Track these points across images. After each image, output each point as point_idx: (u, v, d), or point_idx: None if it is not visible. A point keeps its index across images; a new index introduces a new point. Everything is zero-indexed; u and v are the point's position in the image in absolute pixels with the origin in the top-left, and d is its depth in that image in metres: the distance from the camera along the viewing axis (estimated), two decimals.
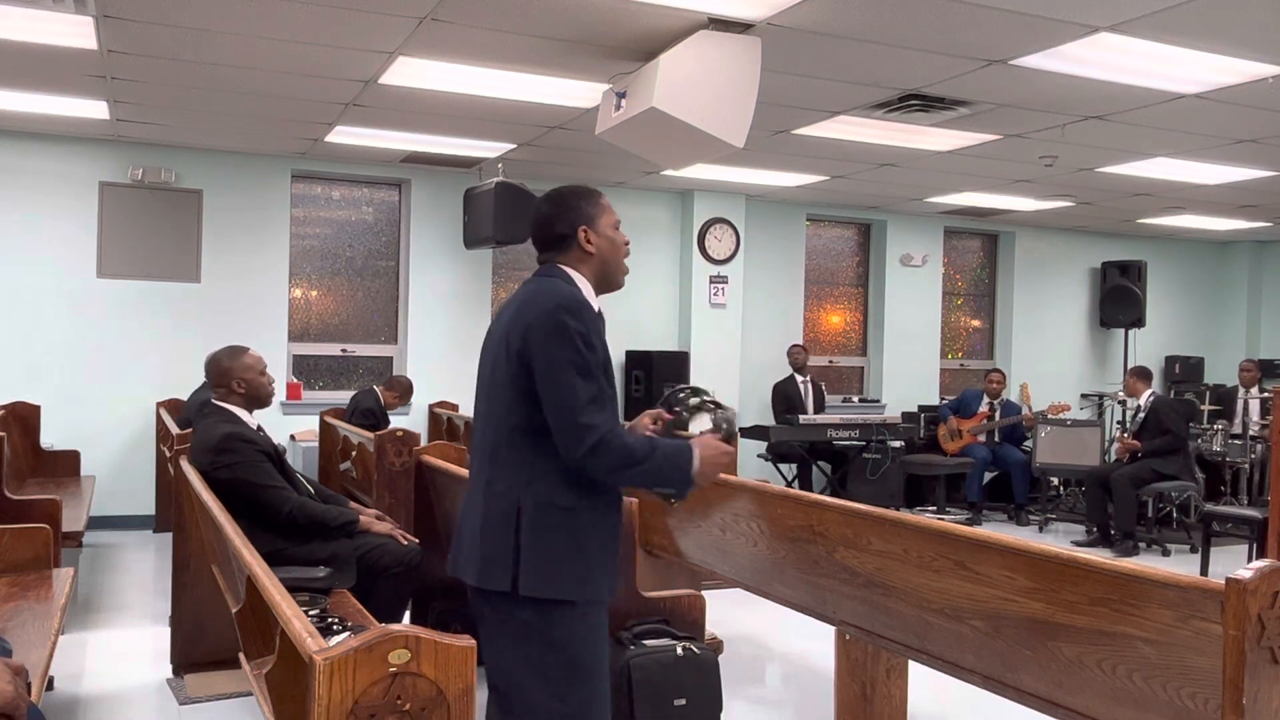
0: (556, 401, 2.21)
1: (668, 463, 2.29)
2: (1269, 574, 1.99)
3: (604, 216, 2.43)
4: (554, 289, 2.32)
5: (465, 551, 2.36)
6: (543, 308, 2.27)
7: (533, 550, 2.24)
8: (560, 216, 2.41)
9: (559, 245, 2.41)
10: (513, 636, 2.28)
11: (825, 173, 8.01)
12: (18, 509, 4.55)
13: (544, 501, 2.26)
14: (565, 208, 2.41)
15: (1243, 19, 4.37)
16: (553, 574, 2.24)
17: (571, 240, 2.39)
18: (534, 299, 2.32)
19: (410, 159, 7.86)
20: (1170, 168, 7.45)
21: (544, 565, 2.24)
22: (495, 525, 2.27)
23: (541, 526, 2.25)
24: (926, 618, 2.81)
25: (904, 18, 4.44)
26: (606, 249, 2.42)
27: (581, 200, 2.43)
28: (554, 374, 2.22)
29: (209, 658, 4.22)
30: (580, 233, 2.39)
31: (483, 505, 2.32)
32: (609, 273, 2.44)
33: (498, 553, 2.25)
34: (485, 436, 2.37)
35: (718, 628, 3.75)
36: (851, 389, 10.27)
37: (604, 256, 2.41)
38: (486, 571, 2.27)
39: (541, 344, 2.23)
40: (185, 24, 4.76)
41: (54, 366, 7.26)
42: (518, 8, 4.43)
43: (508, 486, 2.29)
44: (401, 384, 7.49)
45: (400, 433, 4.70)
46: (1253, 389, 8.91)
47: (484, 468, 2.37)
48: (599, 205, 2.44)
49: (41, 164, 7.28)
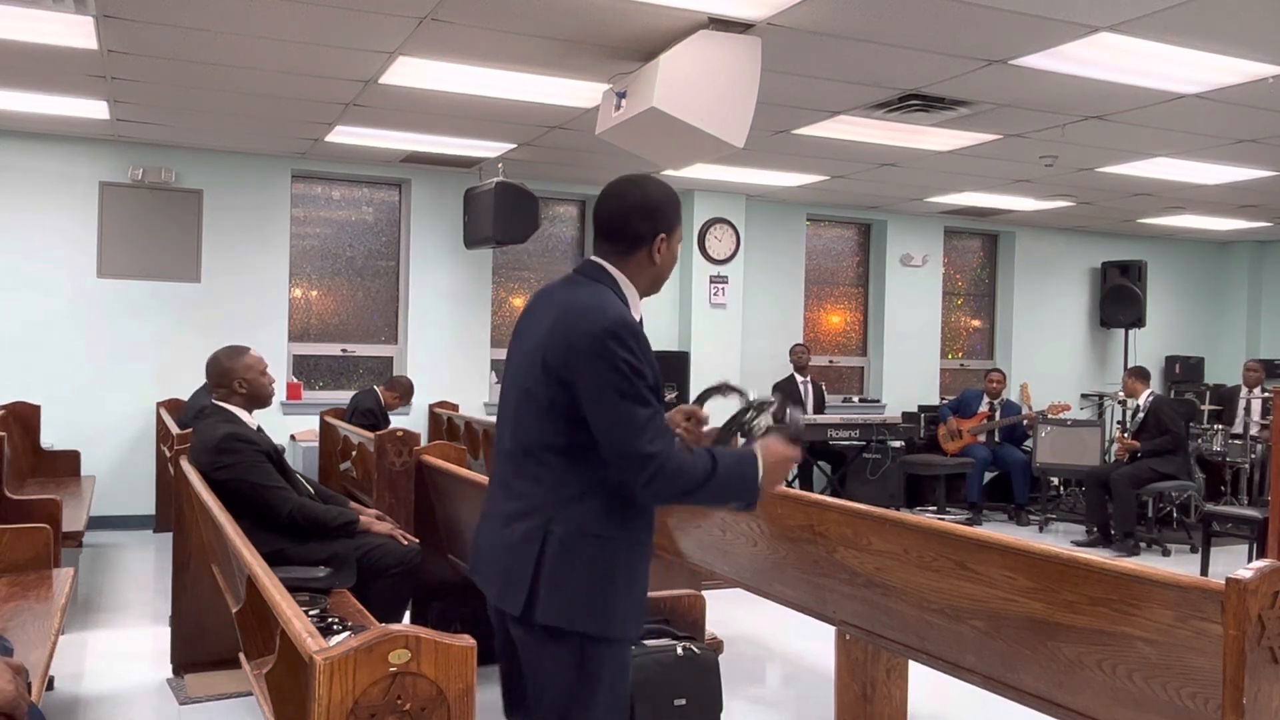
0: (612, 430, 2.05)
1: (732, 478, 2.12)
2: (1269, 574, 1.99)
3: (679, 228, 2.27)
4: (600, 307, 2.11)
5: (486, 564, 2.23)
6: (588, 329, 2.07)
7: (558, 577, 2.08)
8: (647, 215, 2.21)
9: (628, 243, 2.21)
10: (533, 657, 2.15)
11: (825, 173, 8.01)
12: (18, 509, 4.55)
13: (576, 528, 2.10)
14: (654, 208, 2.22)
15: (1243, 19, 4.37)
16: (580, 605, 2.09)
17: (643, 245, 2.21)
18: (578, 316, 2.10)
19: (410, 159, 7.86)
20: (1170, 168, 7.45)
21: (570, 594, 2.08)
22: (518, 546, 2.12)
23: (570, 553, 2.09)
24: (926, 618, 2.81)
25: (904, 18, 4.44)
26: (666, 262, 2.25)
27: (671, 205, 2.25)
28: (605, 402, 2.04)
29: (209, 658, 4.22)
30: (658, 240, 2.21)
31: (507, 520, 2.17)
32: (655, 283, 2.28)
33: (518, 575, 2.10)
34: (514, 448, 2.20)
35: (718, 628, 3.75)
36: (851, 389, 10.27)
37: (663, 271, 2.26)
38: (506, 593, 2.14)
39: (588, 370, 2.05)
40: (185, 24, 4.76)
41: (54, 366, 7.26)
42: (518, 8, 4.43)
43: (538, 505, 2.12)
44: (402, 384, 7.49)
45: (400, 433, 4.70)
46: (1255, 389, 8.90)
47: (509, 480, 2.20)
48: (680, 215, 2.28)
49: (41, 164, 7.28)
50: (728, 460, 2.12)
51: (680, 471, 2.04)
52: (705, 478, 2.07)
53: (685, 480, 2.05)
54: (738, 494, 2.15)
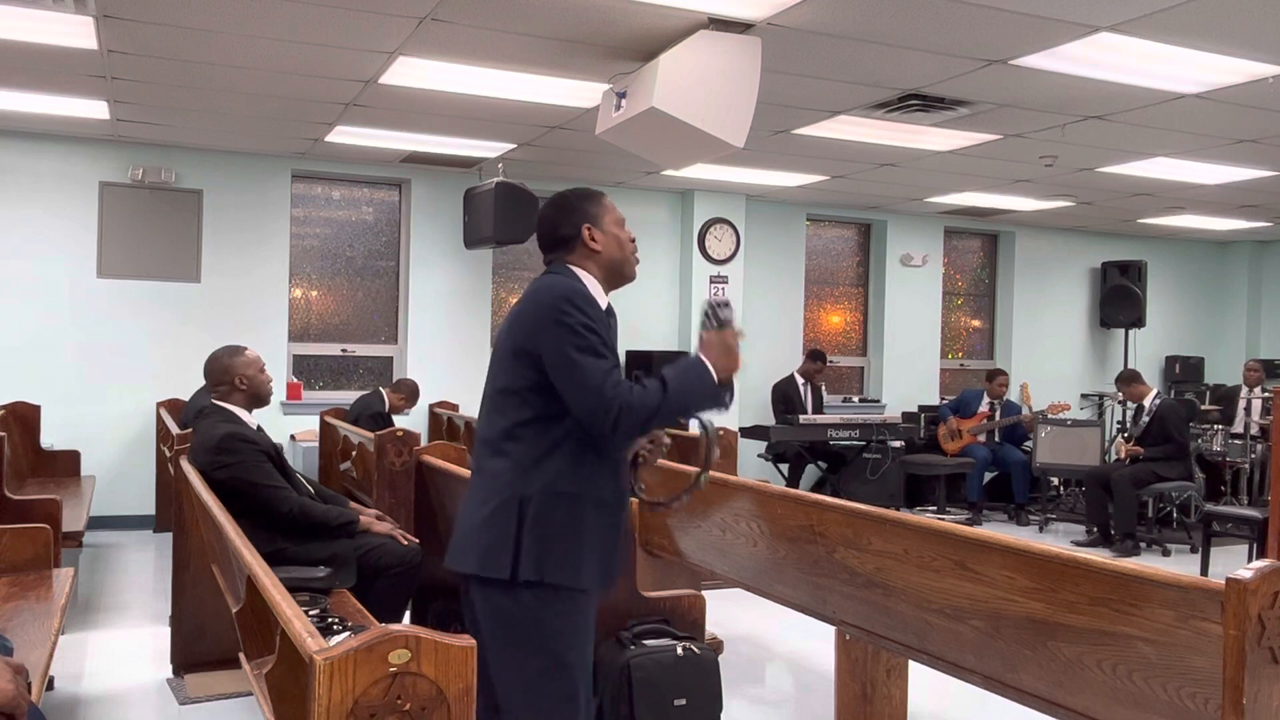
0: (576, 386, 2.23)
1: (686, 384, 2.27)
2: (1269, 574, 1.99)
3: (607, 215, 2.45)
4: (553, 284, 2.34)
5: (464, 540, 2.37)
6: (542, 301, 2.30)
7: (532, 537, 2.26)
8: (564, 218, 2.43)
9: (565, 246, 2.43)
10: (502, 625, 2.30)
11: (825, 173, 8.01)
12: (18, 509, 4.55)
13: (548, 488, 2.28)
14: (568, 209, 2.44)
15: (1243, 19, 4.37)
16: (548, 559, 2.26)
17: (576, 240, 2.42)
18: (535, 294, 2.35)
19: (410, 159, 7.86)
20: (1170, 168, 7.45)
21: (541, 550, 2.26)
22: (498, 514, 2.29)
23: (542, 513, 2.27)
24: (926, 618, 2.81)
25: (904, 18, 4.44)
26: (612, 246, 2.44)
27: (584, 200, 2.46)
28: (565, 360, 2.24)
29: (209, 658, 4.22)
30: (585, 231, 2.42)
31: (485, 495, 2.34)
32: (617, 268, 2.46)
33: (500, 541, 2.27)
34: (489, 429, 2.39)
35: (718, 628, 3.75)
36: (851, 389, 10.27)
37: (610, 253, 2.44)
38: (488, 559, 2.29)
39: (548, 334, 2.25)
40: (185, 24, 4.76)
41: (54, 366, 7.26)
42: (518, 8, 4.43)
43: (511, 477, 2.30)
44: (408, 386, 7.49)
45: (400, 433, 4.70)
46: (1256, 389, 8.90)
47: (486, 460, 2.38)
48: (601, 204, 2.47)
49: (41, 164, 7.28)
50: (675, 373, 2.29)
51: (639, 404, 2.22)
52: (661, 397, 2.24)
53: (645, 408, 2.22)
54: (701, 395, 2.30)
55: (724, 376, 2.32)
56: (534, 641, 2.29)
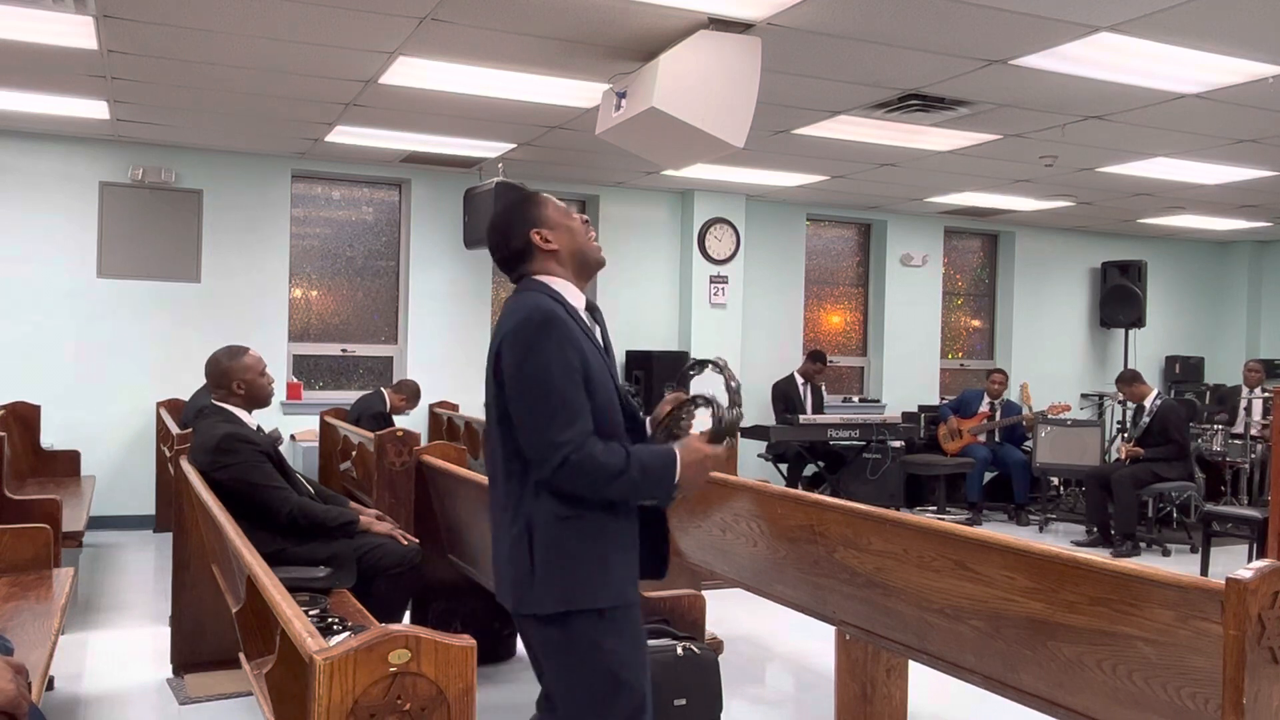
0: (521, 419, 2.16)
1: (647, 475, 2.19)
2: (1269, 574, 1.99)
3: (547, 209, 2.35)
4: (521, 303, 2.24)
5: (497, 573, 2.34)
6: (507, 326, 2.22)
7: (545, 567, 2.19)
8: (508, 232, 2.34)
9: (522, 258, 2.34)
10: (552, 654, 2.26)
11: (825, 173, 8.01)
12: (18, 509, 4.55)
13: (546, 517, 2.20)
14: (509, 222, 2.35)
15: (1243, 19, 4.37)
16: (572, 586, 2.19)
17: (529, 248, 2.32)
18: (505, 319, 2.26)
19: (410, 159, 7.86)
20: (1170, 168, 7.45)
21: (563, 580, 2.19)
22: (515, 547, 2.23)
23: (548, 542, 2.19)
24: (926, 618, 2.81)
25: (904, 18, 4.44)
26: (565, 239, 2.34)
27: (520, 207, 2.36)
28: (520, 394, 2.16)
29: (209, 658, 4.22)
30: (534, 236, 2.32)
31: (504, 527, 2.29)
32: (580, 258, 2.36)
33: (523, 575, 2.21)
34: (492, 463, 2.33)
35: (718, 628, 3.74)
36: (851, 389, 10.27)
37: (566, 246, 2.34)
38: (519, 596, 2.24)
39: (508, 362, 2.18)
40: (185, 24, 4.76)
41: (54, 366, 7.26)
42: (518, 8, 4.43)
43: (515, 512, 2.24)
44: (409, 387, 7.49)
45: (400, 433, 4.70)
46: (1256, 389, 8.90)
47: (495, 495, 2.33)
48: (537, 203, 2.36)
49: (41, 164, 7.28)
50: (643, 458, 2.19)
51: (590, 464, 2.12)
52: (617, 474, 2.14)
53: (595, 474, 2.13)
54: (652, 492, 2.23)
55: (682, 489, 2.23)
56: (587, 665, 2.22)
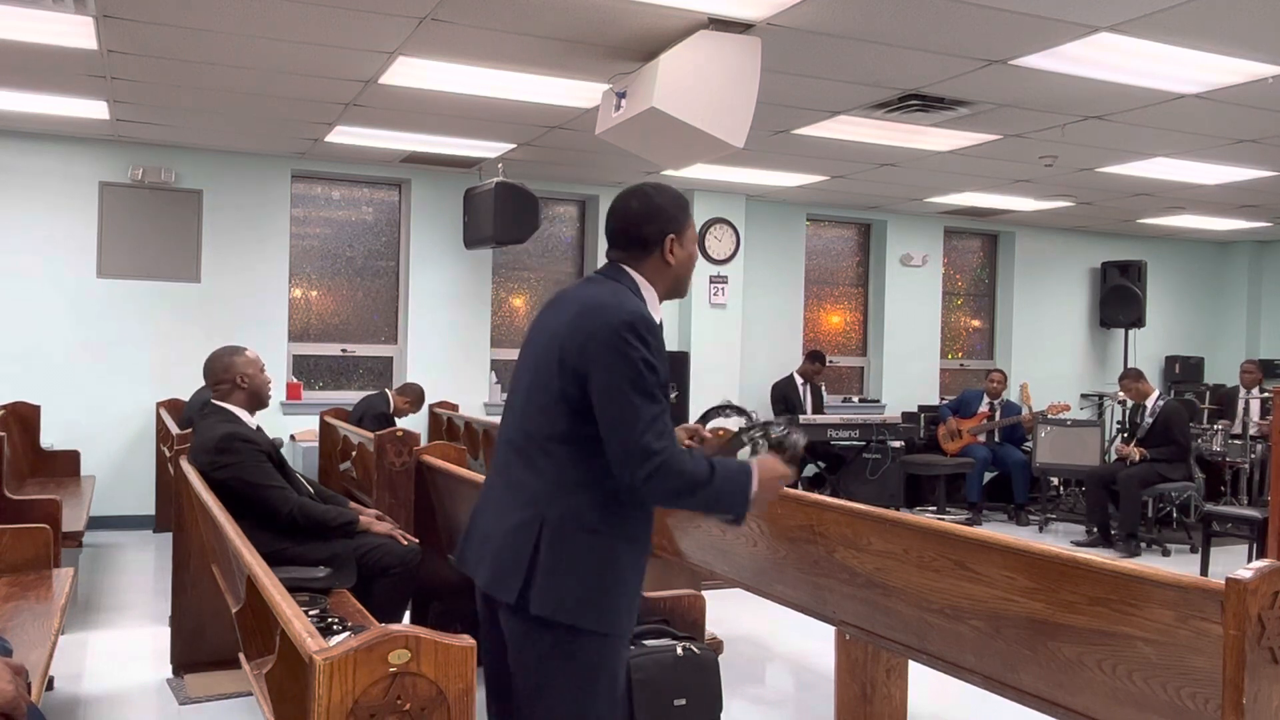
0: (617, 423, 2.07)
1: (727, 488, 2.15)
2: (1269, 574, 1.99)
3: (690, 228, 2.31)
4: (620, 301, 2.16)
5: (477, 549, 2.25)
6: (607, 321, 2.11)
7: (552, 568, 2.10)
8: (651, 218, 2.26)
9: (640, 247, 2.26)
10: (522, 649, 2.16)
11: (825, 173, 8.01)
12: (18, 509, 4.55)
13: (571, 518, 2.11)
14: (658, 210, 2.27)
15: (1243, 19, 4.37)
16: (569, 597, 2.10)
17: (655, 246, 2.26)
18: (598, 308, 2.14)
19: (410, 159, 7.86)
20: (1170, 168, 7.45)
21: (560, 586, 2.10)
22: (514, 533, 2.14)
23: (564, 545, 2.10)
24: (926, 618, 2.81)
25: (904, 18, 4.44)
26: (685, 262, 2.30)
27: (675, 206, 2.29)
28: (615, 394, 2.07)
29: (209, 658, 4.22)
30: (667, 241, 2.26)
31: (504, 508, 2.20)
32: (679, 287, 2.33)
33: (512, 563, 2.12)
34: (518, 436, 2.22)
35: (718, 628, 3.74)
36: (851, 389, 10.27)
37: (680, 271, 2.30)
38: (498, 579, 2.15)
39: (603, 361, 2.08)
40: (185, 24, 4.76)
41: (54, 366, 7.26)
42: (518, 8, 4.43)
43: (536, 495, 2.14)
44: (414, 390, 7.49)
45: (400, 433, 4.70)
46: (1254, 389, 8.90)
47: (511, 468, 2.22)
48: (688, 214, 2.32)
49: (41, 164, 7.28)
50: (725, 470, 2.16)
51: (680, 472, 2.07)
52: (703, 483, 2.10)
53: (683, 481, 2.08)
54: (730, 505, 2.18)
55: (755, 503, 2.19)
56: (564, 674, 2.13)
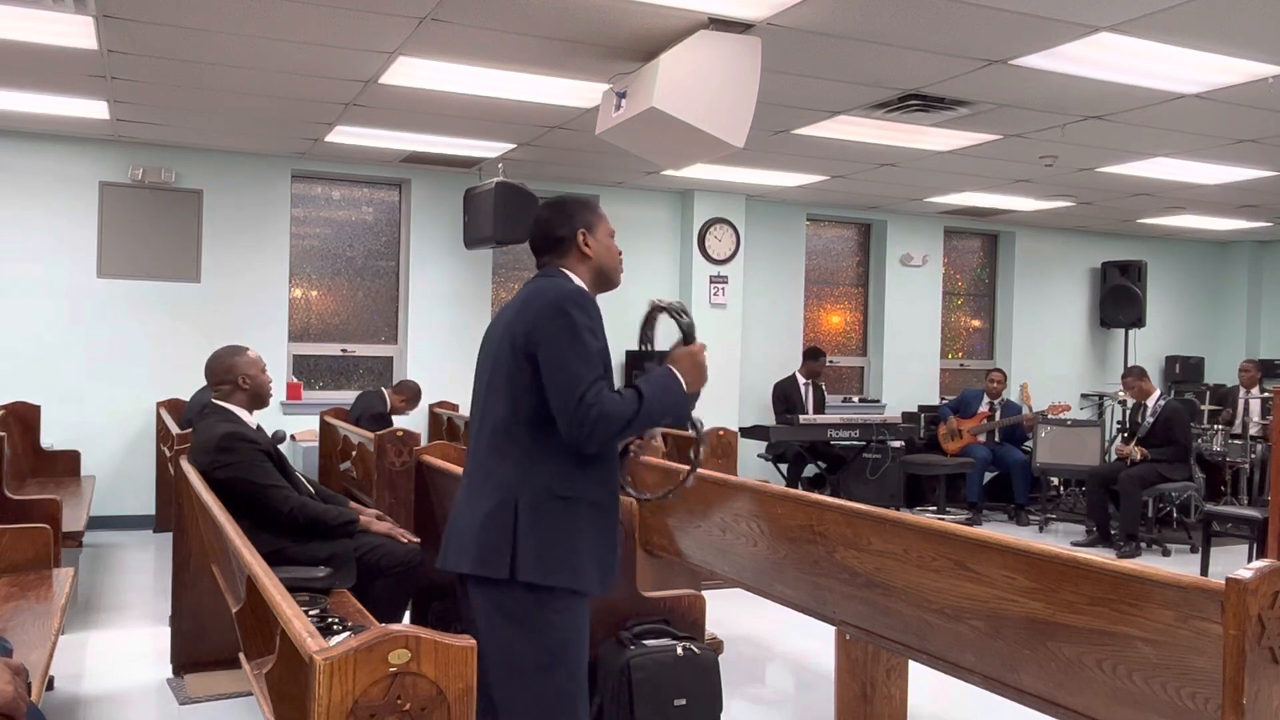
0: (561, 387, 2.28)
1: (660, 397, 2.35)
2: (1269, 574, 1.99)
3: (601, 225, 2.55)
4: (558, 285, 2.42)
5: (459, 541, 2.42)
6: (548, 300, 2.37)
7: (529, 538, 2.31)
8: (561, 221, 2.52)
9: (558, 248, 2.52)
10: (502, 624, 2.35)
11: (825, 173, 8.01)
12: (18, 509, 4.55)
13: (542, 491, 2.34)
14: (565, 213, 2.53)
15: (1243, 19, 4.37)
16: (547, 560, 2.31)
17: (570, 243, 2.51)
18: (538, 295, 2.41)
19: (410, 159, 7.86)
20: (1170, 168, 7.45)
21: (540, 552, 2.31)
22: (494, 515, 2.34)
23: (538, 515, 2.32)
24: (926, 618, 2.81)
25: (904, 18, 4.44)
26: (603, 253, 2.54)
27: (581, 207, 2.55)
28: (559, 361, 2.29)
29: (209, 658, 4.22)
30: (579, 235, 2.50)
31: (481, 497, 2.39)
32: (605, 275, 2.56)
33: (497, 541, 2.32)
34: (483, 431, 2.45)
35: (718, 628, 3.75)
36: (851, 389, 10.27)
37: (600, 260, 2.53)
38: (484, 559, 2.34)
39: (545, 331, 2.32)
40: (185, 24, 4.76)
41: (54, 366, 7.26)
42: (518, 8, 4.43)
43: (507, 479, 2.36)
44: (410, 388, 7.48)
45: (400, 433, 4.70)
46: (1253, 389, 8.91)
47: (481, 462, 2.45)
48: (597, 214, 2.57)
49: (41, 164, 7.28)
50: (649, 385, 2.36)
51: (614, 413, 2.28)
52: (636, 408, 2.31)
53: (620, 417, 2.29)
54: (671, 406, 2.40)
55: (693, 389, 2.43)
56: (534, 641, 2.33)
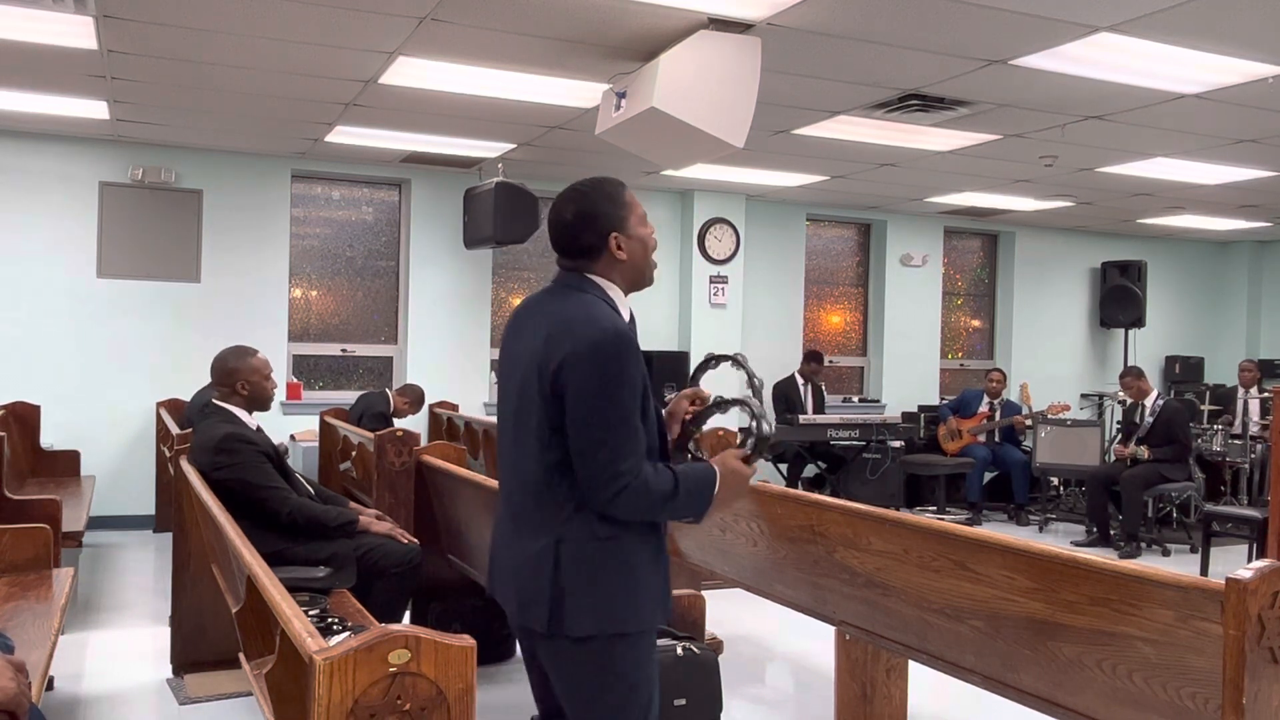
0: (585, 445, 2.06)
1: (690, 496, 2.14)
2: (1269, 574, 1.99)
3: (632, 215, 2.23)
4: (591, 316, 2.12)
5: (503, 581, 2.25)
6: (581, 340, 2.08)
7: (578, 588, 2.10)
8: (587, 227, 2.19)
9: (587, 254, 2.21)
10: (573, 675, 2.17)
11: (825, 173, 8.01)
12: (18, 509, 4.55)
13: (583, 536, 2.10)
14: (591, 216, 2.19)
15: (1243, 19, 4.38)
16: (603, 609, 2.11)
17: (601, 250, 2.20)
18: (570, 327, 2.11)
19: (410, 159, 7.86)
20: (1170, 168, 7.45)
21: (592, 601, 2.10)
22: (532, 564, 2.13)
23: (584, 562, 2.10)
24: (926, 618, 2.81)
25: (904, 18, 4.44)
26: (638, 252, 2.24)
27: (607, 203, 2.21)
28: (586, 416, 2.05)
29: (209, 658, 4.22)
30: (611, 240, 2.19)
31: (518, 539, 2.19)
32: (640, 275, 2.29)
33: (535, 590, 2.12)
34: (518, 467, 2.21)
35: (718, 628, 3.74)
36: (851, 389, 10.27)
37: (635, 261, 2.24)
38: (525, 608, 2.15)
39: (576, 381, 2.06)
40: (185, 24, 4.76)
41: (54, 366, 7.26)
42: (518, 8, 4.43)
43: (544, 524, 2.14)
44: (414, 392, 7.48)
45: (400, 433, 4.70)
46: (1252, 389, 8.91)
47: (516, 501, 2.22)
48: (625, 204, 2.22)
49: (41, 164, 7.28)
50: (689, 480, 2.14)
51: (646, 491, 2.07)
52: (668, 498, 2.10)
53: (649, 499, 2.08)
54: (692, 511, 2.18)
55: (719, 508, 2.21)
56: (610, 687, 2.15)
